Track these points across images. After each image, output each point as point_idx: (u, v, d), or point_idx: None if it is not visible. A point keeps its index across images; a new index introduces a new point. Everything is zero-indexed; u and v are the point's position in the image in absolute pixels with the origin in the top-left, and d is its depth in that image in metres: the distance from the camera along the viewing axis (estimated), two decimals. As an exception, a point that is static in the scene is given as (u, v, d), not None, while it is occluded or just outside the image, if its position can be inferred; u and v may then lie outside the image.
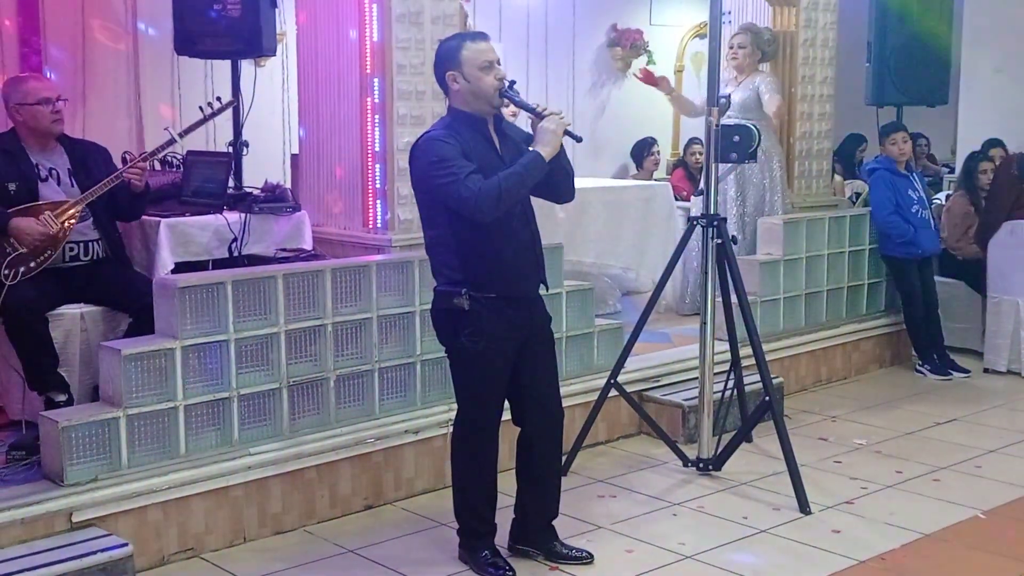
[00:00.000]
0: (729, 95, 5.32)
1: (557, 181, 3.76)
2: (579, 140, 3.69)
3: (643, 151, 9.20)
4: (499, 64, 3.66)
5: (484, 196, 3.48)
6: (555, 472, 3.95)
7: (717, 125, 4.68)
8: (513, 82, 3.67)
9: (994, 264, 6.64)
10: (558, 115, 3.64)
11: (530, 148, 3.64)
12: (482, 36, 3.72)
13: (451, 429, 3.94)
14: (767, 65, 6.71)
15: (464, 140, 3.59)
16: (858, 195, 8.41)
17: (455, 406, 3.91)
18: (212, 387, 4.05)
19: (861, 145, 9.69)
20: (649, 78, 6.43)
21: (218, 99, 4.71)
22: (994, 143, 7.40)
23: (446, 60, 3.66)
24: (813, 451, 5.17)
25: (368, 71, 4.97)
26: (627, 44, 9.41)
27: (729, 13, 6.88)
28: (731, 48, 6.52)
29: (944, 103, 7.90)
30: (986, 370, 6.65)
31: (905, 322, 6.74)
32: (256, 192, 5.15)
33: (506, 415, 3.88)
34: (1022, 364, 6.52)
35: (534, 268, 3.78)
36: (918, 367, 6.69)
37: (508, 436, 4.03)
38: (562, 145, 3.68)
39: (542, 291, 3.86)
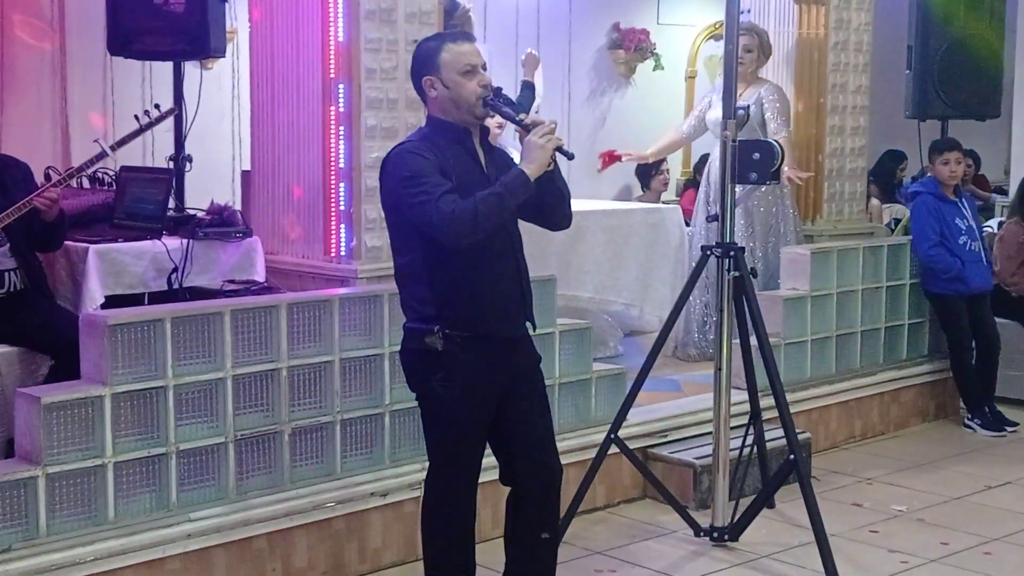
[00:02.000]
0: (748, 107, 5.38)
1: (550, 204, 3.78)
2: (571, 157, 3.71)
3: (650, 169, 9.25)
4: (484, 69, 3.69)
5: (458, 219, 3.48)
6: (552, 541, 3.93)
7: (734, 140, 4.72)
8: (499, 89, 3.70)
9: (1054, 302, 6.69)
10: (548, 127, 3.65)
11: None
12: (465, 37, 3.76)
13: (422, 498, 3.92)
14: (765, 71, 6.77)
15: (443, 153, 3.61)
16: (897, 221, 8.48)
17: (427, 465, 3.89)
18: (147, 441, 4.03)
19: (901, 164, 9.77)
20: (614, 159, 6.60)
21: (156, 107, 4.73)
22: None
23: (423, 63, 3.69)
24: (845, 519, 5.17)
25: (332, 75, 5.00)
26: (631, 46, 9.48)
27: (748, 12, 6.95)
28: None
29: (996, 116, 7.96)
30: (1045, 425, 6.69)
31: (952, 369, 6.77)
32: (200, 215, 5.16)
33: (494, 474, 3.88)
34: (1085, 418, 6.56)
35: (519, 303, 3.78)
36: (967, 421, 6.72)
37: (492, 499, 4.03)
38: (556, 162, 3.70)
39: (529, 330, 3.87)
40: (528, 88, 6.62)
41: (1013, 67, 8.09)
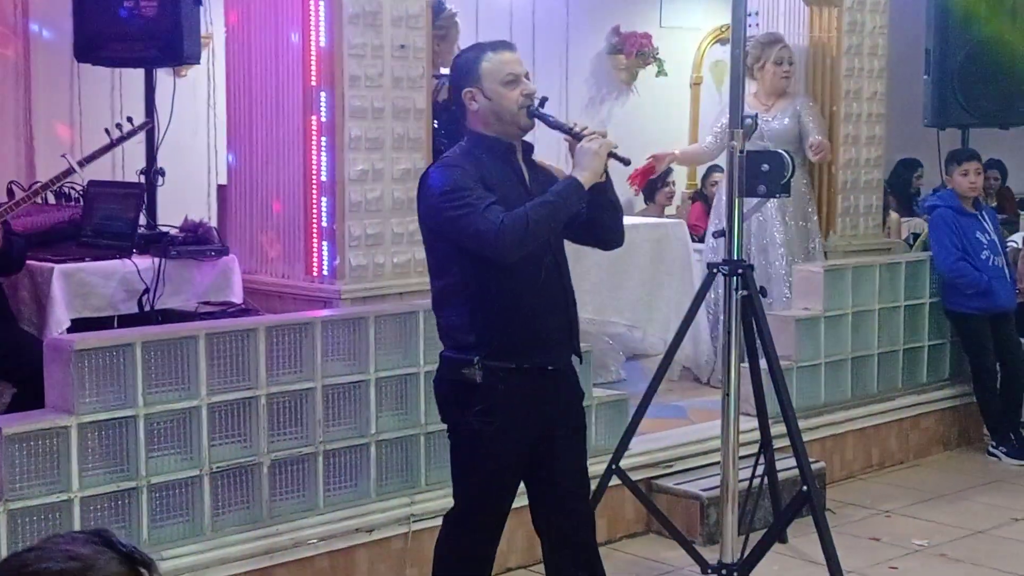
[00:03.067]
0: (756, 115, 5.39)
1: (602, 220, 3.76)
2: (627, 163, 3.72)
3: (655, 182, 9.26)
4: (527, 78, 3.70)
5: (507, 229, 3.44)
6: None
7: (742, 151, 4.73)
8: (545, 99, 3.71)
9: (1082, 322, 6.70)
10: (601, 134, 3.65)
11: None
12: (506, 46, 3.76)
13: (441, 527, 3.87)
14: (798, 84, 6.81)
15: (484, 168, 3.61)
16: (916, 236, 8.49)
17: (416, 499, 3.92)
18: (116, 475, 4.02)
19: (917, 171, 9.80)
20: (647, 173, 6.58)
21: (129, 120, 4.74)
22: None
23: (463, 75, 3.70)
24: (862, 554, 5.17)
25: (314, 83, 5.01)
26: (633, 51, 9.52)
27: (756, 14, 6.99)
28: (779, 64, 6.62)
29: (1020, 124, 8.00)
30: (1074, 453, 6.69)
31: (975, 393, 6.78)
32: (173, 232, 5.16)
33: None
34: (1116, 445, 6.56)
35: (566, 333, 3.74)
36: (991, 449, 6.72)
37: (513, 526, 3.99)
38: (609, 176, 3.70)
39: (575, 364, 3.83)
40: None
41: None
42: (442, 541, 3.82)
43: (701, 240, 7.47)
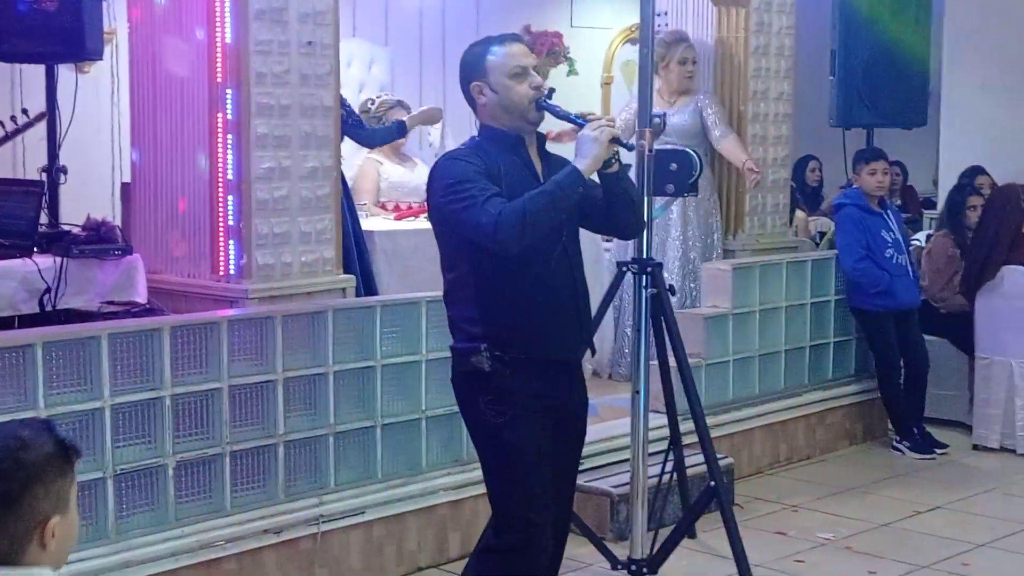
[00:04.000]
0: (664, 114, 5.44)
1: (619, 208, 3.73)
2: (631, 149, 3.68)
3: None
4: (535, 71, 3.68)
5: (505, 221, 3.41)
6: None
7: (650, 150, 4.76)
8: (552, 90, 3.69)
9: (983, 318, 6.83)
10: (605, 120, 3.61)
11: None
12: (513, 38, 3.76)
13: (483, 543, 3.79)
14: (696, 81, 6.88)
15: (493, 160, 3.58)
16: (822, 234, 8.61)
17: (325, 499, 3.89)
18: (16, 478, 3.95)
19: (810, 164, 9.95)
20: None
21: (24, 112, 4.65)
22: (978, 171, 7.64)
23: (470, 69, 3.68)
24: (769, 548, 5.23)
25: (219, 80, 4.96)
26: (544, 50, 9.52)
27: (665, 14, 7.04)
28: (683, 63, 6.69)
29: (922, 124, 8.15)
30: (975, 446, 6.83)
31: (880, 389, 6.89)
32: (76, 231, 5.07)
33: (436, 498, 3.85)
34: (1016, 439, 6.71)
35: (575, 325, 3.70)
36: (895, 444, 6.84)
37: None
38: (621, 164, 3.67)
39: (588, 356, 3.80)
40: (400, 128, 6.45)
41: (940, 73, 8.27)
42: (486, 553, 3.71)
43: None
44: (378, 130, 6.27)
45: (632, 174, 4.07)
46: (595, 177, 3.65)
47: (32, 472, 2.04)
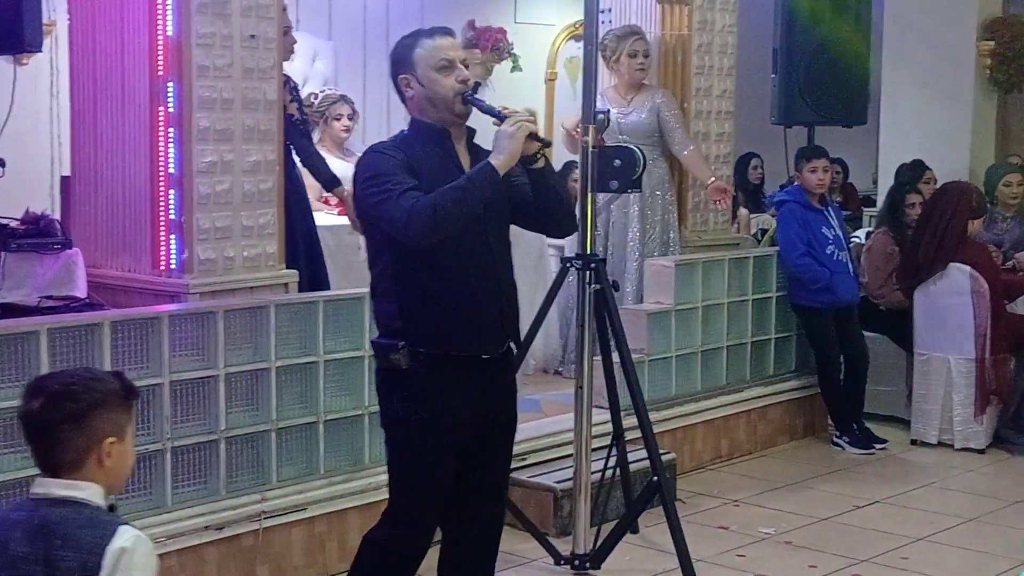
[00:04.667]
0: (608, 111, 5.46)
1: (546, 206, 3.74)
2: (548, 144, 3.69)
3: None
4: (464, 64, 3.68)
5: (416, 215, 3.42)
6: None
7: (594, 147, 4.78)
8: (478, 84, 3.70)
9: (921, 315, 6.91)
10: (525, 116, 3.62)
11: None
12: (443, 31, 3.75)
13: (368, 532, 3.81)
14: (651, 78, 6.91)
15: (416, 154, 3.59)
16: (763, 231, 8.68)
17: (268, 495, 3.87)
18: (-48, 475, 3.91)
19: (752, 162, 10.03)
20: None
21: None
22: (919, 166, 7.70)
23: (398, 62, 3.69)
24: (711, 543, 5.27)
25: (161, 73, 4.91)
26: (488, 46, 9.52)
27: (609, 11, 7.06)
28: (633, 56, 6.69)
29: (862, 123, 8.23)
30: (913, 441, 6.91)
31: (820, 385, 6.95)
32: (14, 224, 5.02)
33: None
34: (954, 434, 6.80)
35: (497, 321, 3.70)
36: (835, 439, 6.91)
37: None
38: (548, 161, 3.68)
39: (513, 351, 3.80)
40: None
41: (879, 73, 8.36)
42: (371, 543, 3.75)
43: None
44: (318, 158, 6.01)
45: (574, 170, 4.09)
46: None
47: (99, 398, 2.50)
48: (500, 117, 3.63)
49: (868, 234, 7.84)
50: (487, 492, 3.81)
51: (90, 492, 2.49)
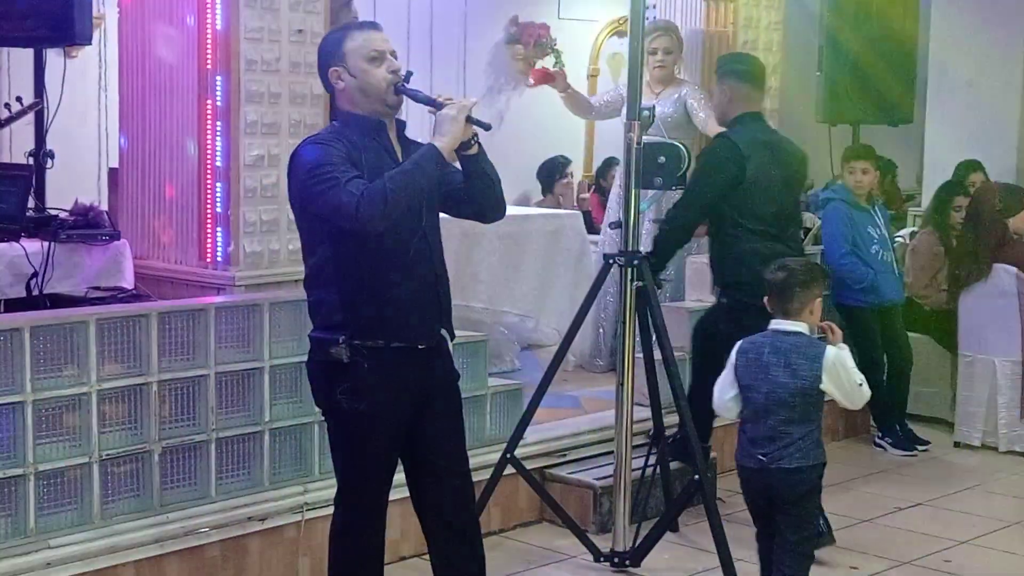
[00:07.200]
0: (653, 106, 5.47)
1: (479, 190, 3.77)
2: (487, 128, 3.71)
3: (554, 173, 9.31)
4: (393, 56, 3.72)
5: (366, 201, 3.46)
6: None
7: (639, 143, 4.80)
8: (410, 73, 3.73)
9: (967, 316, 6.88)
10: (462, 101, 3.66)
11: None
12: (371, 26, 3.79)
13: (331, 516, 3.87)
14: (682, 71, 6.90)
15: (353, 145, 3.62)
16: (807, 230, 8.65)
17: (310, 487, 3.92)
18: (2, 462, 3.96)
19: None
20: (543, 78, 6.64)
21: (19, 99, 4.66)
22: (973, 166, 7.65)
23: (328, 55, 3.72)
24: (752, 543, 5.26)
25: (209, 67, 4.98)
26: (530, 41, 9.56)
27: (654, 7, 7.06)
28: (653, 53, 6.67)
29: (908, 122, 8.19)
30: (956, 444, 6.87)
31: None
32: (63, 215, 5.09)
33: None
34: (999, 437, 6.76)
35: (434, 311, 3.76)
36: (877, 440, 6.88)
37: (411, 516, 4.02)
38: (481, 146, 3.72)
39: (449, 343, 3.85)
40: None
41: (926, 69, 8.31)
42: (333, 528, 3.84)
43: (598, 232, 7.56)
44: None
45: (620, 167, 4.11)
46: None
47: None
48: (435, 104, 3.67)
49: (912, 234, 7.80)
50: (448, 467, 3.84)
51: (803, 327, 4.16)
